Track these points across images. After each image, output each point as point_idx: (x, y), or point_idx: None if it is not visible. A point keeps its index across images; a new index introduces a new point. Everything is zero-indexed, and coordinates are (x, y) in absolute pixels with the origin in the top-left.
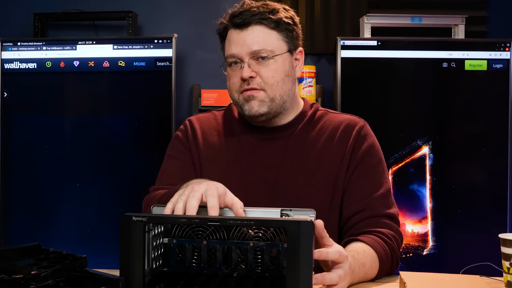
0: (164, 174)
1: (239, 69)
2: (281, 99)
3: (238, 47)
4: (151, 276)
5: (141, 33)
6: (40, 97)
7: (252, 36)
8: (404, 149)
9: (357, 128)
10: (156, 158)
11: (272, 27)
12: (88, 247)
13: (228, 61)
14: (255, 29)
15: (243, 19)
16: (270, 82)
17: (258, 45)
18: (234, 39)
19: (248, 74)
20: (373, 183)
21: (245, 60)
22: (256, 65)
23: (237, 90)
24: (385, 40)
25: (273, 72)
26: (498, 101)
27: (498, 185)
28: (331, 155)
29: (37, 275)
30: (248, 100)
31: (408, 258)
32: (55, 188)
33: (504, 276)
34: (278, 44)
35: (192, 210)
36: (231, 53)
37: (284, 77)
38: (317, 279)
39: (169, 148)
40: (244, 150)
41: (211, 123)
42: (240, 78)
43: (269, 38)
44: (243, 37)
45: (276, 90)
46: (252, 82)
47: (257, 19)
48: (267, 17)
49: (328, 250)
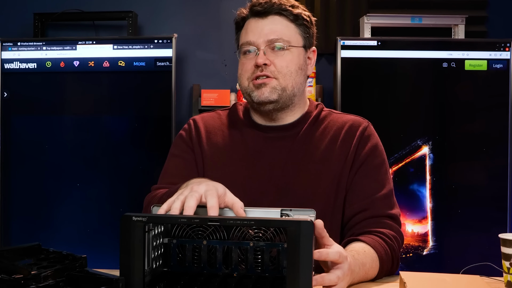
0: (166, 172)
1: (253, 56)
2: (292, 91)
3: (256, 34)
4: (151, 276)
5: (141, 33)
6: (40, 97)
7: (270, 25)
8: (404, 149)
9: (361, 129)
10: (156, 158)
11: (291, 20)
12: (88, 247)
13: (243, 48)
14: (274, 18)
15: (264, 7)
16: (284, 72)
17: (275, 34)
18: (252, 27)
19: (263, 61)
20: (376, 183)
21: (261, 47)
22: (272, 53)
23: (249, 77)
24: (385, 40)
25: (288, 62)
26: (498, 101)
27: (498, 185)
28: (335, 155)
29: (37, 275)
30: (259, 87)
31: (408, 258)
32: (55, 188)
33: (504, 276)
34: (295, 37)
35: (190, 210)
36: (248, 40)
37: (298, 69)
38: (316, 280)
39: (173, 146)
40: (249, 150)
41: (215, 123)
42: (253, 65)
43: (286, 29)
44: (261, 25)
45: (288, 80)
46: (265, 69)
47: (277, 9)
48: (287, 9)
49: (328, 251)
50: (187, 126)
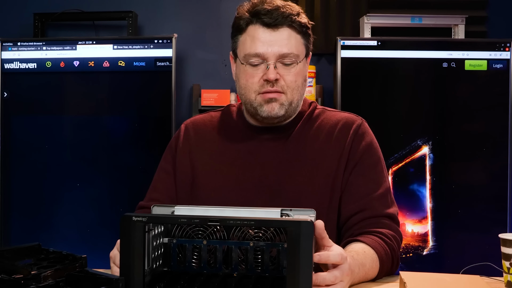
0: (152, 187)
1: (262, 69)
2: (297, 103)
3: (266, 47)
4: (151, 276)
5: (141, 33)
6: (40, 97)
7: (282, 39)
8: (404, 149)
9: (355, 127)
10: (156, 158)
11: (298, 31)
12: (88, 247)
13: (251, 59)
14: (286, 32)
15: (275, 19)
16: (292, 86)
17: (287, 48)
18: (261, 38)
19: (275, 77)
20: (371, 182)
21: (271, 61)
22: (282, 68)
23: (256, 90)
24: (385, 40)
25: (296, 77)
26: (498, 101)
27: (498, 185)
28: (329, 154)
29: (37, 275)
30: (269, 102)
31: (408, 258)
32: (55, 188)
33: (504, 276)
34: (301, 48)
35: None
36: (257, 52)
37: (303, 82)
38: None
39: (162, 157)
40: (241, 152)
41: (206, 126)
42: (262, 79)
43: (296, 42)
44: (273, 38)
45: (295, 94)
46: (276, 85)
47: (288, 22)
48: (296, 21)
49: (329, 254)
50: (177, 133)
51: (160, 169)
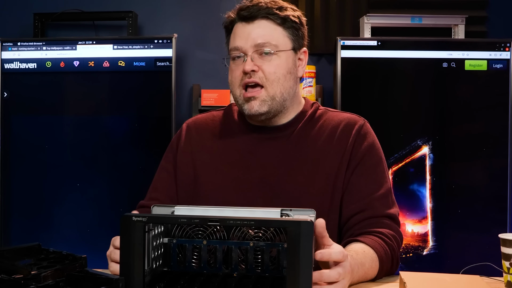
0: (152, 186)
1: (241, 62)
2: (282, 97)
3: (243, 40)
4: (151, 276)
5: (141, 33)
6: (40, 97)
7: (257, 30)
8: (404, 149)
9: (357, 127)
10: (156, 158)
11: (278, 23)
12: (88, 247)
13: (231, 54)
14: (261, 23)
15: (250, 12)
16: (271, 78)
17: (262, 39)
18: (239, 32)
19: (250, 68)
20: (373, 182)
21: (248, 53)
22: (259, 59)
23: (239, 85)
24: (385, 40)
25: (275, 68)
26: (498, 101)
27: (498, 185)
28: (331, 154)
29: (37, 275)
30: (248, 101)
31: (408, 258)
32: (55, 188)
33: (504, 276)
34: (283, 40)
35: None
36: (235, 45)
37: (286, 74)
38: (315, 277)
39: (163, 156)
40: (242, 152)
41: (208, 126)
42: (241, 72)
43: (274, 33)
44: (248, 30)
45: (276, 87)
46: (253, 76)
47: (264, 13)
48: (274, 13)
49: (330, 251)
50: (178, 132)
51: (161, 169)
